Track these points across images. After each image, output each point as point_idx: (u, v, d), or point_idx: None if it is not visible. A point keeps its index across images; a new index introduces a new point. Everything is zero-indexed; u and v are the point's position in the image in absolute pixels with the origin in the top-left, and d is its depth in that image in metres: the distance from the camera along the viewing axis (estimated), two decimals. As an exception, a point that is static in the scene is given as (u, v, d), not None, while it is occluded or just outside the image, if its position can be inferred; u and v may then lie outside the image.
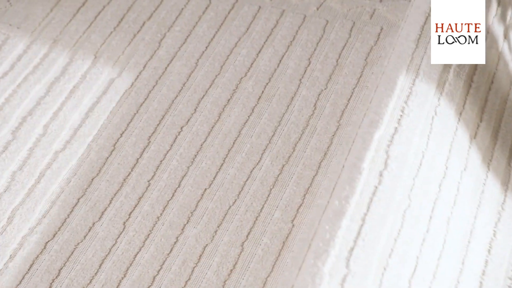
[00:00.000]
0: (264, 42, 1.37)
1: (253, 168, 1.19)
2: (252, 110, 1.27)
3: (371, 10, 1.40)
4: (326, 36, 1.37)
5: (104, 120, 1.26)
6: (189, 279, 1.08)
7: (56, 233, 1.13)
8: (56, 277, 1.08)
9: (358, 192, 0.93)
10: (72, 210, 1.15)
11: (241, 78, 1.32)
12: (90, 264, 1.10)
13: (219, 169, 1.20)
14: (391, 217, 0.93)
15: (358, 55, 1.34)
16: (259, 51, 1.36)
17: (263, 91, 1.30)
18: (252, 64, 1.34)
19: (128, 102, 1.29)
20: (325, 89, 1.29)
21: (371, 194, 0.93)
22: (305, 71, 1.32)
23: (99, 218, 1.15)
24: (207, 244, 1.11)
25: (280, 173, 1.18)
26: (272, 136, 1.23)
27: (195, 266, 1.09)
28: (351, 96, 1.28)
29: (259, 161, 1.20)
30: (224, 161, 1.20)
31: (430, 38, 1.11)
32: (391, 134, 0.99)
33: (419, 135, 1.01)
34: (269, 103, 1.28)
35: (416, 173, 0.98)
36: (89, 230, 1.13)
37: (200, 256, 1.10)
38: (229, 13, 1.42)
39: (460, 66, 1.11)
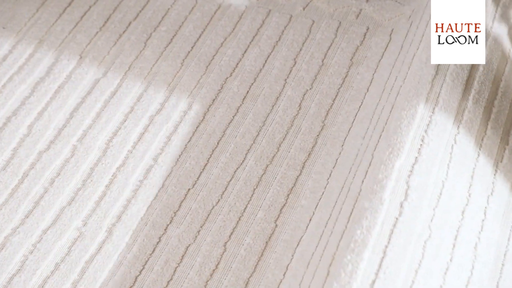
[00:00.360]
0: (250, 42, 1.37)
1: (237, 168, 1.19)
2: (237, 110, 1.27)
3: (358, 10, 1.40)
4: (312, 36, 1.37)
5: (89, 120, 1.26)
6: (171, 279, 1.08)
7: (40, 234, 1.13)
8: (39, 277, 1.08)
9: (380, 223, 0.94)
10: (54, 211, 1.15)
11: (227, 78, 1.32)
12: (74, 263, 1.09)
13: (203, 169, 1.19)
14: (411, 249, 0.94)
15: (344, 55, 1.33)
16: (245, 51, 1.36)
17: (248, 91, 1.29)
18: (237, 64, 1.34)
19: (113, 102, 1.29)
20: (310, 89, 1.29)
21: (392, 226, 0.95)
22: (291, 71, 1.32)
23: (82, 219, 1.14)
24: (189, 244, 1.11)
25: (264, 173, 1.18)
26: (257, 136, 1.23)
27: (177, 266, 1.09)
28: (336, 96, 1.28)
29: (243, 161, 1.20)
30: (208, 161, 1.20)
31: (449, 64, 1.13)
32: (412, 164, 1.01)
33: (439, 165, 1.02)
34: (254, 103, 1.27)
35: (436, 203, 0.99)
36: (73, 231, 1.13)
37: (183, 256, 1.10)
38: (215, 13, 1.42)
39: (479, 92, 1.12)
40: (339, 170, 1.15)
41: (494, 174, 1.07)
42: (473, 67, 1.13)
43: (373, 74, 1.29)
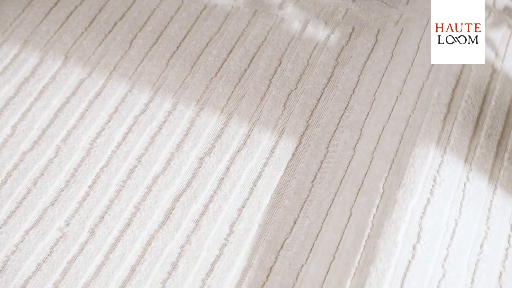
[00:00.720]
0: (236, 42, 1.37)
1: (221, 169, 1.18)
2: (222, 110, 1.26)
3: (344, 10, 1.40)
4: (297, 36, 1.37)
5: (73, 120, 1.26)
6: (153, 277, 1.07)
7: (22, 235, 1.13)
8: (21, 278, 1.08)
9: (393, 266, 0.96)
10: (37, 211, 1.15)
11: (211, 78, 1.31)
12: (56, 264, 1.09)
13: (187, 170, 1.19)
14: None
15: (329, 55, 1.33)
16: (230, 51, 1.35)
17: (232, 91, 1.29)
18: (222, 64, 1.33)
19: (97, 102, 1.28)
20: (295, 89, 1.29)
21: (405, 269, 0.97)
22: (276, 71, 1.32)
23: (65, 219, 1.14)
24: (166, 244, 1.10)
25: (248, 174, 1.18)
26: (241, 136, 1.22)
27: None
28: (321, 96, 1.27)
29: (227, 162, 1.19)
30: (192, 162, 1.20)
31: (460, 102, 1.13)
32: (424, 205, 1.03)
33: (451, 204, 1.03)
34: (238, 103, 1.27)
35: (449, 242, 1.01)
36: (55, 231, 1.13)
37: (160, 256, 1.09)
38: (201, 13, 1.42)
39: (492, 127, 1.12)
40: (331, 182, 1.15)
41: None
42: (484, 103, 1.14)
43: (359, 75, 1.29)
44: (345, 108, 1.25)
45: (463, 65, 1.17)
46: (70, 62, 1.34)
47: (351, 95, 1.27)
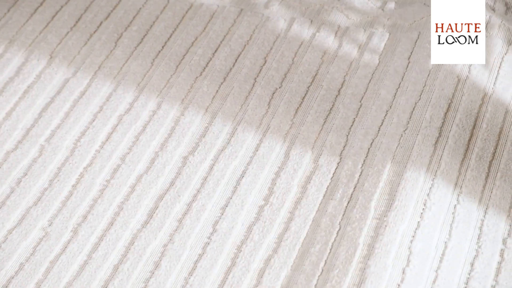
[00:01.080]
0: (221, 42, 1.37)
1: (205, 168, 1.18)
2: (206, 109, 1.26)
3: (330, 8, 1.40)
4: (283, 34, 1.37)
5: (57, 120, 1.26)
6: (137, 278, 1.07)
7: (5, 234, 1.12)
8: (3, 277, 1.08)
9: None
10: (20, 211, 1.15)
11: (196, 77, 1.31)
12: (39, 263, 1.09)
13: (171, 169, 1.19)
14: None
15: (315, 53, 1.33)
16: (216, 50, 1.35)
17: (217, 91, 1.29)
18: (207, 63, 1.33)
19: (82, 102, 1.28)
20: (279, 87, 1.29)
21: None
22: (261, 70, 1.31)
23: (48, 219, 1.14)
24: (149, 244, 1.10)
25: (232, 173, 1.18)
26: (225, 135, 1.22)
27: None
28: (305, 94, 1.27)
29: (211, 161, 1.19)
30: (176, 161, 1.20)
31: (451, 126, 1.16)
32: (414, 228, 1.05)
33: (441, 227, 1.05)
34: (223, 102, 1.27)
35: (438, 265, 1.03)
36: (38, 230, 1.13)
37: (142, 255, 1.09)
38: (187, 12, 1.42)
39: (483, 149, 1.14)
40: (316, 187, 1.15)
41: (508, 215, 1.08)
42: (475, 127, 1.16)
43: (344, 76, 1.29)
44: (330, 109, 1.25)
45: (455, 89, 1.20)
46: (55, 61, 1.34)
47: (336, 96, 1.27)
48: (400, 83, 1.24)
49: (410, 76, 1.24)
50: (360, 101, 1.25)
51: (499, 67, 1.22)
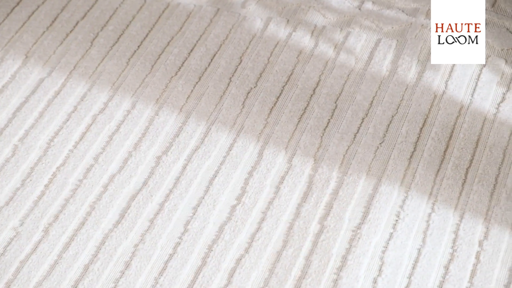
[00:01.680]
0: (197, 41, 1.37)
1: (178, 168, 1.18)
2: (180, 109, 1.26)
3: (306, 8, 1.40)
4: (259, 34, 1.36)
5: (31, 120, 1.25)
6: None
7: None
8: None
9: None
10: (-8, 210, 1.15)
11: (172, 77, 1.31)
12: (9, 263, 1.08)
13: (144, 169, 1.19)
14: None
15: (290, 53, 1.33)
16: (191, 50, 1.35)
17: (192, 90, 1.29)
18: (183, 63, 1.33)
19: (56, 101, 1.28)
20: (254, 87, 1.28)
21: None
22: (236, 69, 1.31)
23: (20, 218, 1.14)
24: (120, 243, 1.10)
25: (205, 172, 1.17)
26: (199, 135, 1.22)
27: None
28: (280, 94, 1.27)
29: (184, 161, 1.19)
30: (149, 161, 1.19)
31: (427, 140, 1.18)
32: (386, 240, 1.07)
33: (414, 236, 1.07)
34: (197, 102, 1.27)
35: (411, 271, 1.04)
36: (9, 230, 1.12)
37: (113, 255, 1.09)
38: (163, 12, 1.42)
39: (460, 158, 1.15)
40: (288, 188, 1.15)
41: (484, 219, 1.09)
42: (451, 138, 1.17)
43: (320, 75, 1.29)
44: (305, 108, 1.25)
45: (432, 104, 1.22)
46: (30, 61, 1.34)
47: (311, 95, 1.26)
48: (377, 91, 1.25)
49: (387, 87, 1.25)
50: (335, 102, 1.25)
51: (478, 79, 1.23)
